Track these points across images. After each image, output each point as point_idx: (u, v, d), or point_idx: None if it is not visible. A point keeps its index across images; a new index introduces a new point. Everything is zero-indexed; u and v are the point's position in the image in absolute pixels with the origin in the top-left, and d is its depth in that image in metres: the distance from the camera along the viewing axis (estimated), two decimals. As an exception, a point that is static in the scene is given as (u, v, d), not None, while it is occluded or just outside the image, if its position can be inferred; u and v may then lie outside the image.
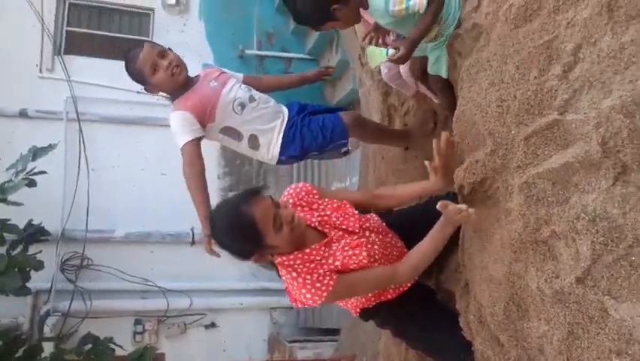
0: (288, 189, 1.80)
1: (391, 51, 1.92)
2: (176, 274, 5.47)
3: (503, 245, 1.45)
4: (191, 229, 5.55)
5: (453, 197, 1.71)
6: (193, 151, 2.38)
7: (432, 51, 2.00)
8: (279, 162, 2.50)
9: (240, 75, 2.64)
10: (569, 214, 1.27)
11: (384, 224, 1.87)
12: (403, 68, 2.35)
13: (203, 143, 6.34)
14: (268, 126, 2.43)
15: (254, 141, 2.45)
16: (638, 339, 1.13)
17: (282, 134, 2.41)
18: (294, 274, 1.58)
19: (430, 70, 2.06)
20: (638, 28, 1.22)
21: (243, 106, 2.40)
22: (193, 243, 5.55)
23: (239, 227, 1.49)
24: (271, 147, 2.44)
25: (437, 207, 1.52)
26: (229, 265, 5.70)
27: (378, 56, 2.12)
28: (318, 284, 1.54)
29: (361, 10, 1.89)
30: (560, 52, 1.36)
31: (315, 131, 2.40)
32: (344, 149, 2.50)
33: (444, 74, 1.99)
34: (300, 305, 1.63)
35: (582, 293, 1.24)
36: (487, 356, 1.57)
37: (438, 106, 2.40)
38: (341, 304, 1.87)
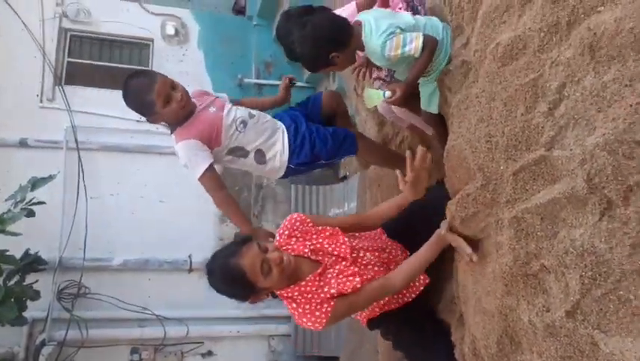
0: (284, 221, 1.90)
1: (388, 93, 1.98)
2: (173, 301, 5.45)
3: (495, 278, 1.47)
4: (189, 257, 5.56)
5: (442, 186, 1.81)
6: (213, 177, 2.43)
7: (423, 86, 2.05)
8: (287, 171, 2.54)
9: (225, 96, 2.70)
10: (557, 248, 1.30)
11: (383, 237, 1.99)
12: (388, 111, 2.43)
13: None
14: (272, 139, 2.48)
15: (260, 156, 2.49)
16: (628, 373, 1.14)
17: (287, 143, 2.46)
18: (294, 305, 1.70)
19: (422, 105, 2.12)
20: (619, 68, 1.26)
21: (244, 124, 2.45)
22: (190, 270, 5.54)
23: (231, 279, 1.64)
24: (278, 157, 2.48)
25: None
26: (227, 293, 5.69)
27: (375, 98, 2.18)
28: (317, 313, 1.65)
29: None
30: (545, 90, 1.40)
31: (325, 138, 2.46)
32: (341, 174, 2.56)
33: (434, 110, 2.04)
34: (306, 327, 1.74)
35: (572, 327, 1.25)
36: (482, 389, 1.58)
37: (431, 139, 2.45)
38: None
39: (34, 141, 5.32)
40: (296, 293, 1.70)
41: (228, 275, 1.63)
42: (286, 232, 1.85)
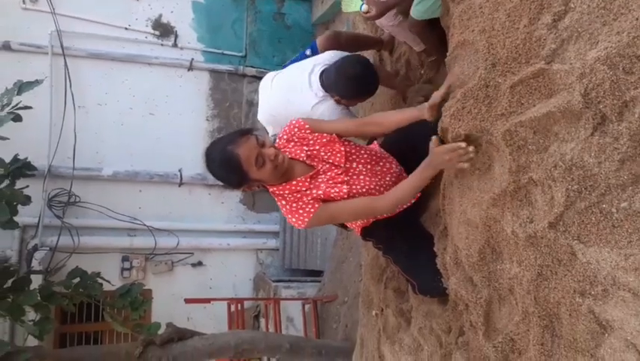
0: (284, 126, 1.96)
1: (364, 7, 1.96)
2: (164, 214, 5.54)
3: (482, 190, 1.50)
4: (179, 170, 5.58)
5: None
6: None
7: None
8: None
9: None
10: (547, 162, 1.31)
11: (381, 151, 2.03)
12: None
13: (191, 83, 6.23)
14: None
15: None
16: (602, 281, 1.20)
17: None
18: (284, 202, 1.82)
19: (413, 12, 2.06)
20: (630, -21, 1.22)
21: None
22: (181, 184, 5.59)
23: (226, 165, 1.73)
24: None
25: (431, 143, 1.62)
26: (217, 207, 5.79)
27: (353, 5, 2.14)
28: (301, 211, 1.77)
29: None
30: (552, 1, 1.36)
31: None
32: None
33: (424, 16, 2.01)
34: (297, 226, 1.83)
35: (553, 238, 1.30)
36: (461, 295, 1.66)
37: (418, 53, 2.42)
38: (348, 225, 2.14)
39: (17, 45, 5.13)
40: (286, 192, 1.80)
41: (225, 161, 1.72)
42: (285, 137, 1.93)
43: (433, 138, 1.63)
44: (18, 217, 3.72)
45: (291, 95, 2.35)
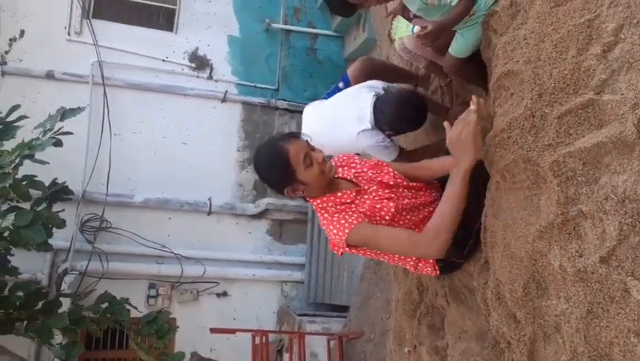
0: (333, 157, 1.95)
1: (417, 28, 1.96)
2: (191, 242, 5.57)
3: (527, 222, 1.45)
4: (209, 199, 5.63)
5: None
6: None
7: (465, 30, 1.99)
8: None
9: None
10: (597, 194, 1.27)
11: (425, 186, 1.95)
12: (412, 43, 2.36)
13: (224, 114, 6.38)
14: None
15: None
16: (659, 320, 1.14)
17: None
18: (326, 215, 1.76)
19: (453, 49, 2.07)
20: (683, 11, 1.20)
21: None
22: (210, 213, 5.63)
23: (274, 159, 1.71)
24: None
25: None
26: (244, 237, 5.80)
27: (404, 29, 2.14)
28: (343, 221, 1.69)
29: None
30: (601, 31, 1.34)
31: None
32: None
33: (466, 54, 2.01)
34: (334, 249, 1.75)
35: (605, 273, 1.24)
36: (503, 332, 1.59)
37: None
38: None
39: (60, 74, 5.35)
40: (330, 203, 1.75)
41: (273, 155, 1.70)
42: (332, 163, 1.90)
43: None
44: (50, 240, 3.79)
45: (337, 125, 2.37)
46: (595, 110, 1.31)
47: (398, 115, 2.26)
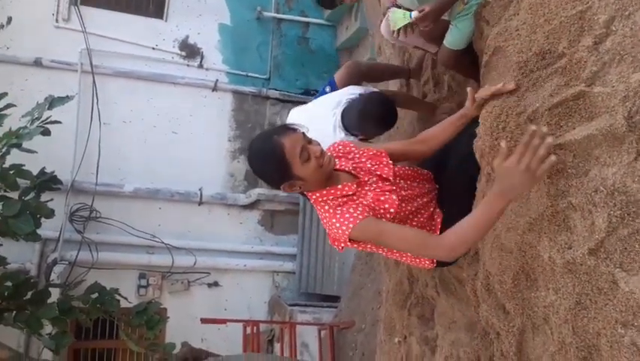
0: (328, 146, 1.86)
1: (415, 13, 1.92)
2: (182, 232, 5.55)
3: (517, 214, 1.46)
4: (200, 190, 5.61)
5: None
6: None
7: (459, 21, 1.98)
8: None
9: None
10: (587, 187, 1.28)
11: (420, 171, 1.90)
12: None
13: (215, 103, 6.34)
14: None
15: None
16: (646, 312, 1.15)
17: None
18: (326, 207, 1.65)
19: (447, 41, 2.05)
20: (675, 3, 1.20)
21: None
22: (201, 203, 5.61)
23: (270, 155, 1.60)
24: None
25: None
26: (236, 228, 5.79)
27: (402, 18, 2.11)
28: (347, 215, 1.58)
29: None
30: (593, 23, 1.34)
31: None
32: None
33: (462, 45, 1.99)
34: (335, 243, 1.67)
35: (594, 265, 1.25)
36: (492, 323, 1.60)
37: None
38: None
39: (48, 62, 5.27)
40: (331, 196, 1.65)
41: (268, 150, 1.60)
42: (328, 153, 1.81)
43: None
44: (39, 230, 3.76)
45: (318, 133, 2.37)
46: (586, 103, 1.31)
47: (362, 117, 2.27)
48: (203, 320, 4.25)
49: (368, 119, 2.28)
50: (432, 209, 1.81)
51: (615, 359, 1.20)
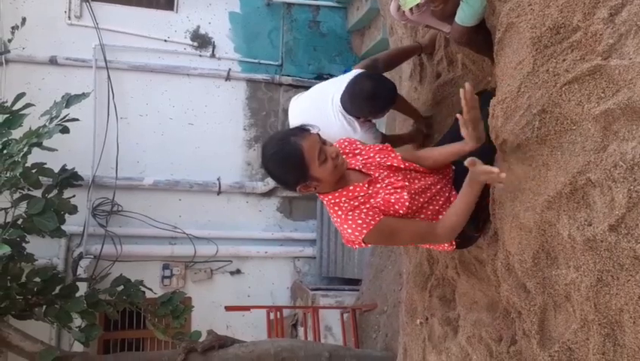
0: (334, 143, 1.85)
1: None
2: (203, 222, 5.62)
3: (536, 193, 1.44)
4: (218, 179, 5.65)
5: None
6: None
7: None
8: None
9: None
10: (606, 162, 1.25)
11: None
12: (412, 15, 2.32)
13: (229, 92, 6.33)
14: None
15: None
16: (669, 287, 1.13)
17: None
18: (339, 212, 1.67)
19: (459, 18, 2.01)
20: (693, -31, 1.16)
21: None
22: (220, 192, 5.66)
23: (287, 156, 1.60)
24: None
25: (465, 163, 1.56)
26: (255, 215, 5.83)
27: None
28: (360, 221, 1.61)
29: None
30: (608, -6, 1.30)
31: None
32: None
33: (474, 22, 1.95)
34: (348, 244, 1.70)
35: (614, 241, 1.23)
36: (513, 303, 1.60)
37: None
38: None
39: (63, 59, 5.33)
40: (343, 199, 1.66)
41: (286, 152, 1.59)
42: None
43: (468, 159, 1.56)
44: (64, 226, 3.84)
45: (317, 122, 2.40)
46: (603, 77, 1.28)
47: (353, 98, 2.28)
48: (228, 308, 4.31)
49: (360, 99, 2.29)
50: (447, 193, 1.82)
51: (638, 335, 1.19)
